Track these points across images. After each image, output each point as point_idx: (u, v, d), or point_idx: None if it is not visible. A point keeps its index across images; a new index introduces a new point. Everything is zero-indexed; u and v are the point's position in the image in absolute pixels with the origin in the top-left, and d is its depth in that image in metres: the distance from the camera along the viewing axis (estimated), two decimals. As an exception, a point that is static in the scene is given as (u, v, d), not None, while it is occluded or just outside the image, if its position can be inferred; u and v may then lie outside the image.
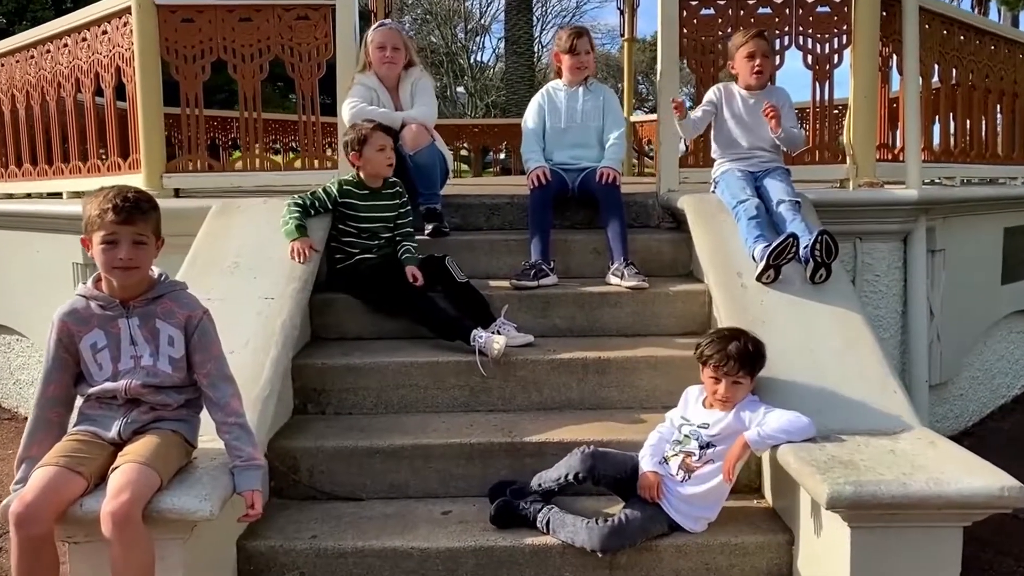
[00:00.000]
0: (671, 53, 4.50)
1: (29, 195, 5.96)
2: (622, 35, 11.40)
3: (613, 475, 2.87)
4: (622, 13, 11.10)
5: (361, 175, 3.88)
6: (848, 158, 4.56)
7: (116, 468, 2.25)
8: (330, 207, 3.84)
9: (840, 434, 2.76)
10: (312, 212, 3.81)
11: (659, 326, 3.85)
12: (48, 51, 5.33)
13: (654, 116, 13.22)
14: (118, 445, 2.37)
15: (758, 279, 3.44)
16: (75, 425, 2.42)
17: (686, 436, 2.83)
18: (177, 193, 4.62)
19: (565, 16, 32.84)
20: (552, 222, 4.26)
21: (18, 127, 5.80)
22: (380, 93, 4.42)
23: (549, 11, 32.90)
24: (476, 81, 34.99)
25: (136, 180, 4.58)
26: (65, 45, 5.16)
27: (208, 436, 2.55)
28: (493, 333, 3.61)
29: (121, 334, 2.40)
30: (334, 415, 3.48)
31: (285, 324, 3.24)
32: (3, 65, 5.87)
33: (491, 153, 14.56)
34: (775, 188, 3.77)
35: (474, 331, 3.52)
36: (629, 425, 3.29)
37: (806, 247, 3.42)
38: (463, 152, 13.30)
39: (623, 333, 3.85)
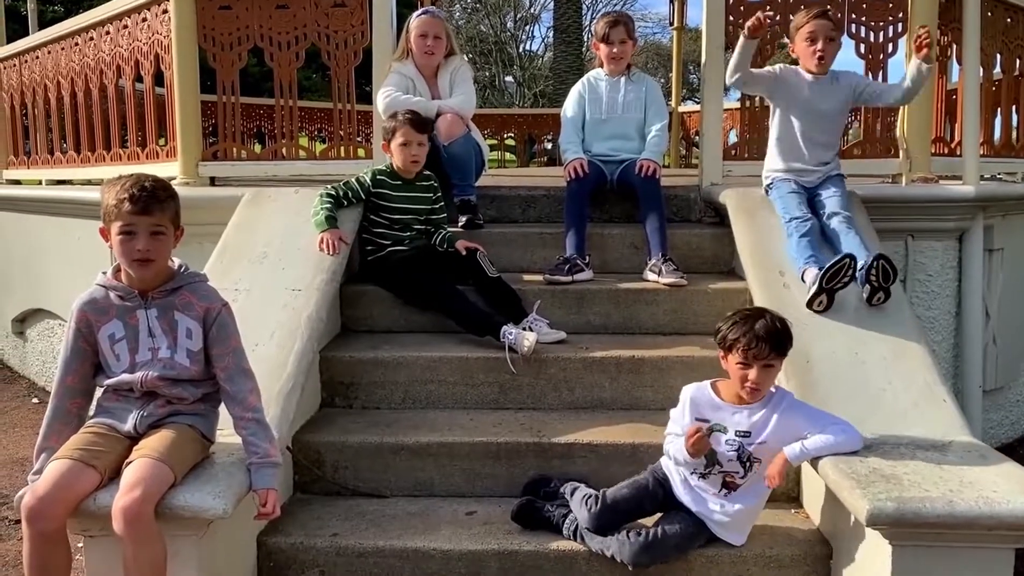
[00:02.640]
0: (716, 41, 4.33)
1: (71, 181, 6.03)
2: (671, 23, 11.21)
3: (638, 505, 2.74)
4: (672, 1, 10.91)
5: (394, 165, 3.81)
6: (901, 152, 4.35)
7: (130, 463, 2.21)
8: (363, 197, 3.78)
9: (884, 444, 2.61)
10: (345, 203, 3.75)
11: (697, 325, 3.71)
12: (91, 39, 5.36)
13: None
14: (134, 439, 2.33)
15: (809, 306, 3.17)
16: (93, 417, 2.39)
17: (726, 450, 2.65)
18: (213, 181, 4.61)
19: (616, 5, 32.44)
20: (589, 215, 4.16)
21: (63, 114, 5.86)
22: (417, 82, 4.35)
23: (600, 0, 32.48)
24: (525, 70, 34.79)
25: (172, 168, 4.59)
26: (107, 32, 5.18)
27: (228, 430, 2.51)
28: (524, 329, 3.53)
29: (139, 325, 2.36)
30: (361, 409, 3.43)
31: (311, 317, 3.19)
32: (50, 53, 5.93)
33: (536, 143, 14.44)
34: (830, 200, 3.52)
35: (504, 327, 3.43)
36: (663, 427, 3.15)
37: (862, 268, 3.15)
38: (509, 141, 13.20)
39: (659, 331, 3.73)
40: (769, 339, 2.59)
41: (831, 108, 3.65)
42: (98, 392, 2.43)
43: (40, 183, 6.46)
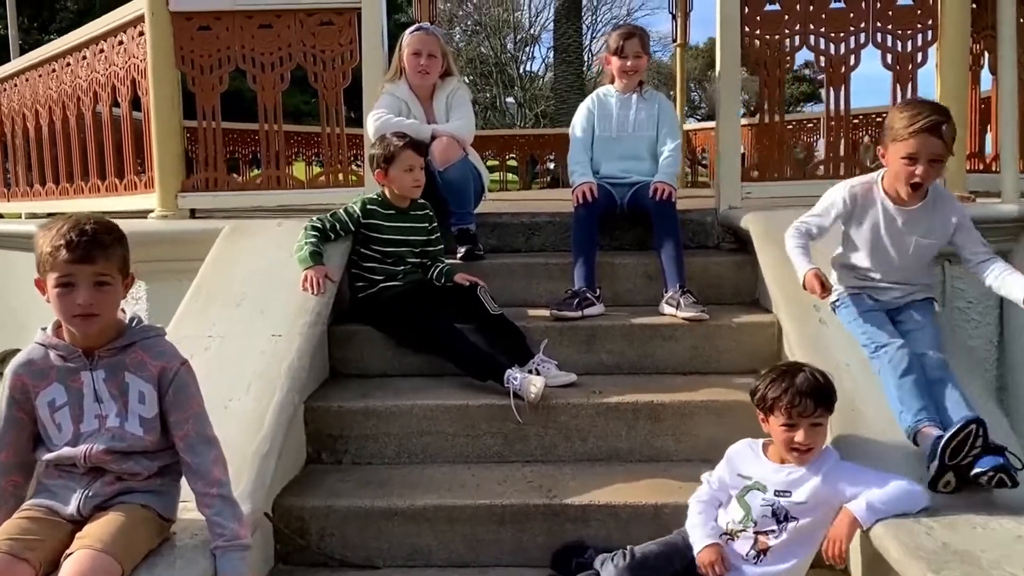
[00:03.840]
0: (732, 55, 4.02)
1: (52, 215, 5.73)
2: (675, 40, 10.98)
3: (668, 562, 2.41)
4: (675, 18, 10.69)
5: (387, 194, 3.49)
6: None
7: (69, 555, 1.88)
8: (352, 229, 3.46)
9: (950, 506, 2.26)
10: (332, 235, 3.43)
11: (720, 363, 3.38)
12: (68, 64, 5.08)
13: (708, 124, 12.81)
14: (78, 522, 2.00)
15: (933, 487, 2.34)
16: (32, 497, 2.06)
17: (762, 506, 2.34)
18: (193, 214, 4.29)
19: (616, 24, 32.30)
20: (598, 243, 3.83)
21: (41, 144, 5.57)
22: (411, 104, 4.04)
23: (599, 19, 32.45)
24: (526, 91, 34.74)
25: (150, 200, 4.28)
26: (84, 58, 4.90)
27: (193, 502, 2.17)
28: (530, 372, 3.20)
29: (84, 389, 2.03)
30: (351, 465, 3.09)
31: (293, 366, 2.86)
32: (27, 80, 5.66)
33: (538, 164, 14.20)
34: (923, 334, 2.73)
35: (508, 371, 3.10)
36: (687, 483, 2.80)
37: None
38: (511, 162, 12.96)
39: (679, 371, 3.40)
40: (813, 394, 2.30)
41: (921, 240, 2.79)
42: (39, 467, 2.10)
43: (20, 217, 6.17)
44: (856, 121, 9.14)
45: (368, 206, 3.45)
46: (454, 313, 3.40)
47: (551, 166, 14.49)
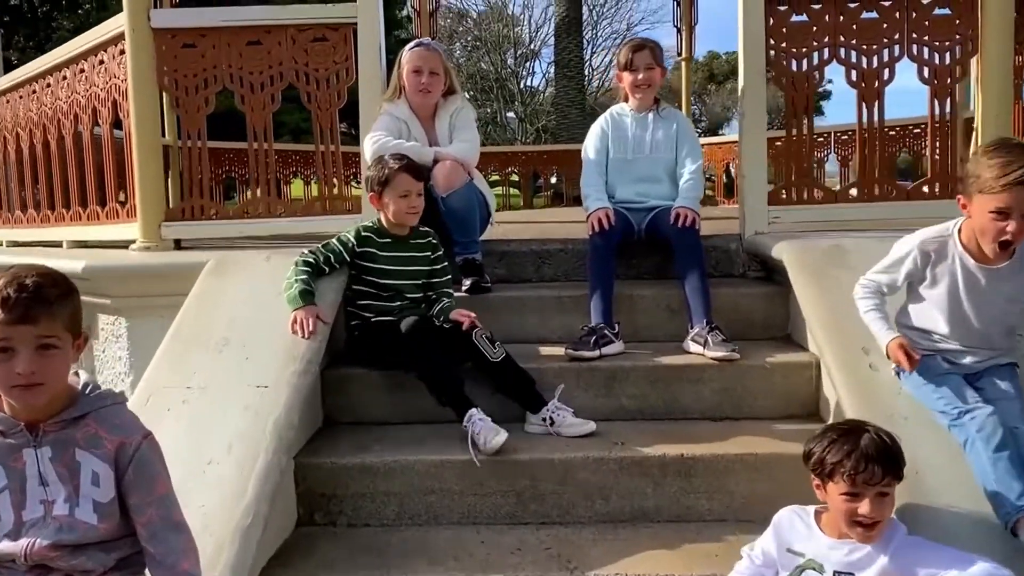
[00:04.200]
0: (756, 68, 3.73)
1: (38, 243, 5.44)
2: (679, 54, 10.75)
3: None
4: (679, 31, 10.47)
5: (383, 221, 3.19)
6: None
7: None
8: (348, 260, 3.16)
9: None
10: (327, 268, 3.13)
11: (753, 408, 3.07)
12: (48, 85, 4.80)
13: (713, 139, 12.52)
14: (20, 631, 1.68)
15: None
16: (-35, 598, 1.75)
17: (816, 591, 2.04)
18: (179, 244, 4.00)
19: (616, 39, 32.13)
20: (615, 272, 3.52)
21: (22, 169, 5.28)
22: (411, 124, 3.75)
23: (599, 34, 32.29)
24: (526, 106, 34.60)
25: (132, 230, 3.99)
26: (65, 78, 4.61)
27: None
28: (544, 420, 2.91)
29: (27, 470, 1.72)
30: (347, 527, 2.77)
31: (280, 422, 2.54)
32: (8, 102, 5.37)
33: (540, 179, 13.95)
34: (1010, 404, 2.37)
35: (471, 411, 2.80)
36: (724, 549, 2.51)
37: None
38: (513, 177, 12.72)
39: (708, 416, 3.09)
40: (881, 459, 1.99)
41: (1007, 303, 2.46)
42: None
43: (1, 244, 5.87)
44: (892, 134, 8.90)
45: (363, 233, 3.16)
46: (457, 357, 3.09)
47: (553, 180, 14.28)
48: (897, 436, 2.06)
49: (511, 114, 35.38)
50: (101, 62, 4.22)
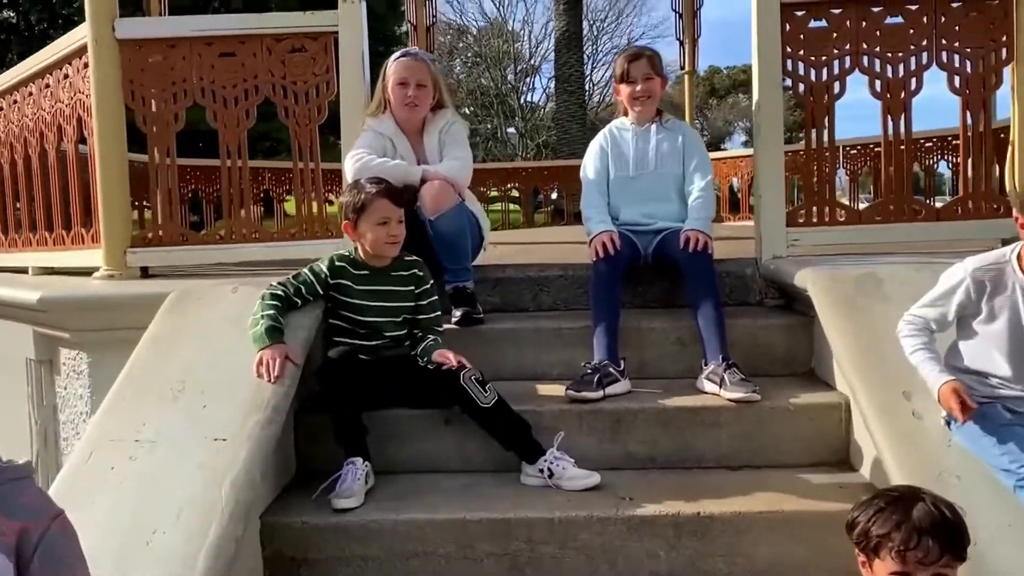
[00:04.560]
0: (772, 78, 3.43)
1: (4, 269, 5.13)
2: (682, 67, 10.51)
3: None
4: (681, 44, 10.22)
5: (359, 250, 2.88)
6: (1015, 209, 3.40)
7: None
8: (321, 292, 2.84)
9: None
10: (299, 301, 2.81)
11: (777, 455, 2.75)
12: (15, 102, 4.51)
13: (719, 153, 12.21)
14: None
15: None
16: None
17: None
18: (146, 272, 3.69)
19: (617, 54, 32.00)
20: (620, 298, 3.20)
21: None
22: (397, 141, 3.44)
23: (600, 48, 32.16)
24: (527, 121, 34.47)
25: (96, 256, 3.68)
26: (31, 94, 4.32)
27: None
28: (542, 472, 2.59)
29: (-96, 568, 1.40)
30: (320, 597, 2.45)
31: (238, 482, 2.22)
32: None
33: (540, 195, 13.69)
34: None
35: (349, 463, 2.57)
36: (749, 627, 2.18)
37: None
38: (513, 193, 12.44)
39: (726, 464, 2.77)
40: (938, 534, 1.67)
41: None
42: None
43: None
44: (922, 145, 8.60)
45: (337, 264, 2.84)
46: (442, 401, 2.77)
47: (554, 195, 14.02)
48: (960, 508, 1.74)
49: (511, 130, 35.29)
50: (66, 76, 3.93)
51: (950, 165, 8.64)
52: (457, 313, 3.24)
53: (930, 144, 8.87)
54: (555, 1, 17.35)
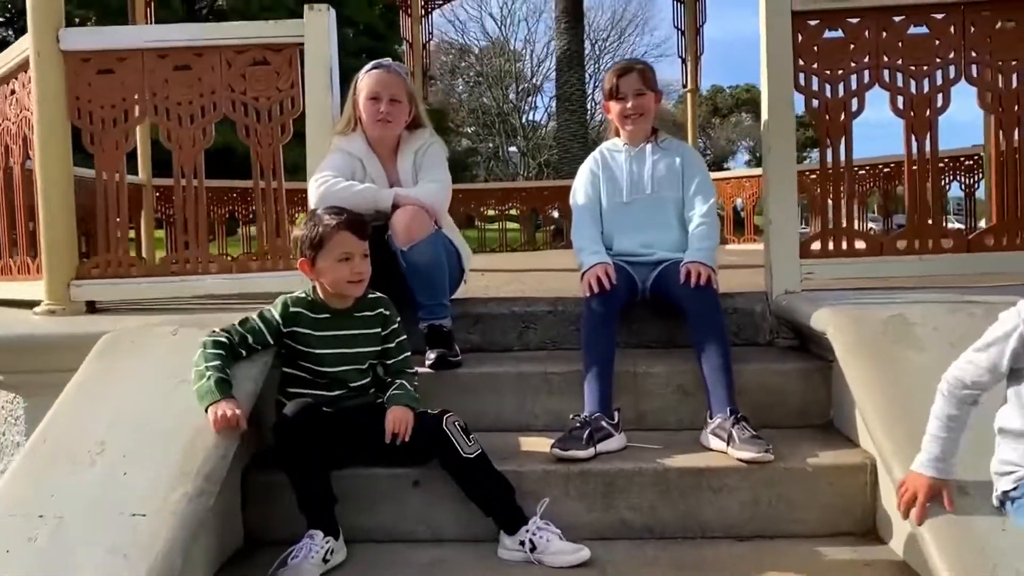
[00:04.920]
0: (782, 94, 3.10)
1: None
2: (684, 85, 10.24)
3: None
4: (684, 62, 9.96)
5: (319, 291, 2.53)
6: (1055, 240, 3.07)
7: None
8: (272, 342, 2.49)
9: None
10: (243, 352, 2.45)
11: (793, 524, 2.40)
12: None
13: (723, 173, 11.87)
14: None
15: None
16: None
17: None
18: (93, 307, 3.34)
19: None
20: (615, 339, 2.85)
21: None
22: (368, 162, 3.11)
23: (602, 67, 31.95)
24: (529, 140, 34.36)
25: (38, 289, 3.34)
26: (-19, 110, 4.00)
27: None
28: (522, 544, 2.24)
29: None
30: None
31: (155, 569, 1.86)
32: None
33: (539, 215, 13.38)
34: None
35: (313, 532, 2.25)
36: None
37: None
38: (512, 212, 12.13)
39: (734, 534, 2.41)
40: None
41: None
42: None
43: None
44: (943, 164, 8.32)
45: (291, 309, 2.48)
46: (415, 455, 2.43)
47: (555, 215, 13.71)
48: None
49: (513, 148, 35.17)
50: (12, 92, 3.61)
51: (963, 187, 8.41)
52: (431, 355, 2.89)
53: (941, 165, 8.61)
54: (557, 20, 17.18)
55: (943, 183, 8.65)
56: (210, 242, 3.70)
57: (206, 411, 2.23)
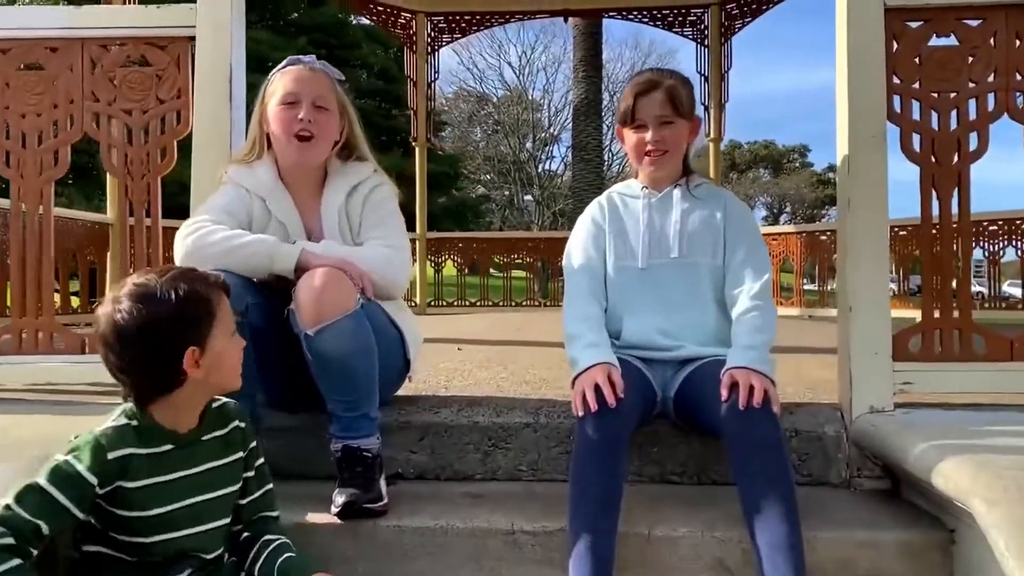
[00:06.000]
0: (868, 125, 2.15)
1: None
2: (707, 134, 9.40)
3: None
4: (707, 109, 9.19)
5: (154, 413, 1.54)
6: None
7: None
8: (81, 516, 1.47)
9: None
10: (40, 546, 1.44)
11: None
12: None
13: (767, 228, 10.80)
14: None
15: None
16: None
17: None
18: None
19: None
20: (622, 484, 1.85)
21: None
22: (273, 200, 2.17)
23: (620, 118, 31.44)
24: (544, 189, 33.86)
25: None
26: None
27: None
28: None
29: None
30: None
31: None
32: None
33: (548, 269, 12.50)
34: None
35: None
36: None
37: None
38: (518, 260, 11.25)
39: None
40: None
41: None
42: None
43: None
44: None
45: (110, 456, 1.46)
46: None
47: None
48: None
49: (528, 197, 34.75)
50: None
51: (1019, 252, 7.66)
52: (339, 497, 1.89)
53: (995, 228, 7.84)
54: (575, 69, 16.65)
55: (998, 248, 7.86)
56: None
57: None
